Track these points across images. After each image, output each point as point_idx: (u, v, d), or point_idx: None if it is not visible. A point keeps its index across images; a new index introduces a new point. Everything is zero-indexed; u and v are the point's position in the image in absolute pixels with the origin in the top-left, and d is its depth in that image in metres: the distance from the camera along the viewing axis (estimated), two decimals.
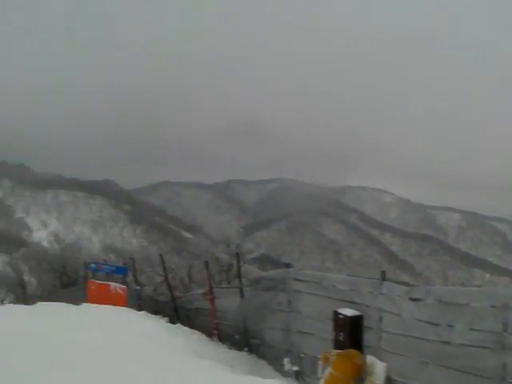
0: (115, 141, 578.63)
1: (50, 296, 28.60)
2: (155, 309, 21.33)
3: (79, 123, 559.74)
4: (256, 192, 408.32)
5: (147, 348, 10.85)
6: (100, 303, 18.23)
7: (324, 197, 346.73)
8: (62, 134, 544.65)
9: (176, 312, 20.37)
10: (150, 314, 18.90)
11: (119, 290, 20.46)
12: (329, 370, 9.96)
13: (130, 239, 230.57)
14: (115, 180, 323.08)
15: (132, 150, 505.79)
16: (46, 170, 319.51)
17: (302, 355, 12.40)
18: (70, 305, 17.58)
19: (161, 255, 22.79)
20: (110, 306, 17.60)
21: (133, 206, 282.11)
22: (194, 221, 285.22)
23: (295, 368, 12.50)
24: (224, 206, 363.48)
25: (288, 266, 13.87)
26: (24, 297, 33.02)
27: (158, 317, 19.12)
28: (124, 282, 21.65)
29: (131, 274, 23.88)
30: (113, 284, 20.85)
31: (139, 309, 19.83)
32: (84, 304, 18.55)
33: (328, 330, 11.01)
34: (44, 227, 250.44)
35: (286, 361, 12.85)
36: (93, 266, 22.61)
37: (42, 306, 17.50)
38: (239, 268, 17.08)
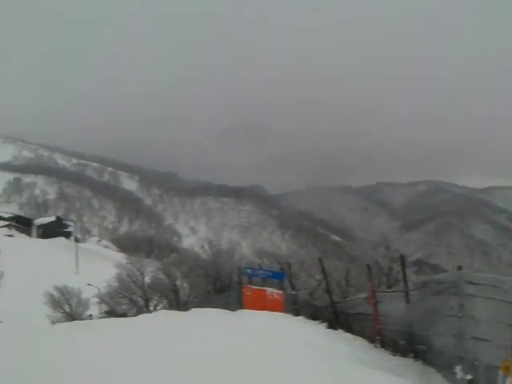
0: (260, 147, 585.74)
1: (203, 302, 28.71)
2: (312, 314, 21.04)
3: (223, 134, 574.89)
4: (403, 194, 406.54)
5: (313, 356, 10.76)
6: (256, 309, 18.30)
7: (472, 198, 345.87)
8: (213, 146, 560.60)
9: (337, 317, 19.64)
10: (307, 320, 19.11)
11: (276, 296, 20.39)
12: (510, 380, 8.83)
13: (279, 244, 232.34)
14: (262, 185, 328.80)
15: (276, 156, 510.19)
16: (194, 177, 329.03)
17: (477, 363, 11.18)
18: (226, 311, 18.71)
19: (320, 259, 22.50)
20: (267, 312, 17.74)
21: (280, 210, 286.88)
22: (342, 224, 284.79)
23: (469, 377, 11.21)
24: (371, 209, 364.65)
25: (459, 268, 12.80)
26: (177, 302, 33.56)
27: (316, 322, 19.06)
28: (281, 287, 21.40)
29: (286, 278, 23.29)
30: (269, 289, 20.78)
31: (296, 314, 19.82)
32: (240, 310, 18.95)
33: (506, 337, 10.37)
34: (193, 233, 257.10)
35: (458, 369, 11.56)
36: (249, 271, 22.48)
37: (198, 313, 18.70)
38: (404, 271, 15.68)
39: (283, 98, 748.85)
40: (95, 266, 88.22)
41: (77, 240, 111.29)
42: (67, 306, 41.84)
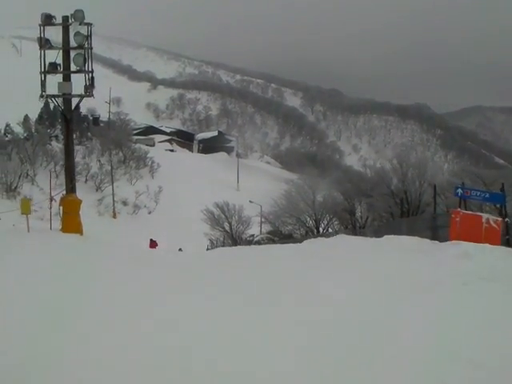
0: (426, 64, 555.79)
1: (383, 226, 24.83)
2: None
3: (386, 51, 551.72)
4: None
5: None
6: (466, 240, 14.23)
7: None
8: (369, 65, 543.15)
9: None
10: None
11: (493, 224, 15.42)
12: None
13: (441, 164, 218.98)
14: (427, 103, 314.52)
15: (442, 73, 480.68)
16: (357, 95, 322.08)
17: None
18: (430, 242, 15.63)
19: None
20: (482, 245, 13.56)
21: (444, 130, 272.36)
22: (506, 146, 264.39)
23: None
24: None
25: None
26: (353, 225, 29.72)
27: None
28: (501, 213, 17.12)
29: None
30: (485, 215, 16.10)
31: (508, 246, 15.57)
32: (448, 243, 14.92)
33: None
34: (355, 151, 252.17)
35: None
36: (459, 191, 17.26)
37: (391, 241, 16.05)
38: None
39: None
40: (257, 182, 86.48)
41: (238, 156, 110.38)
42: (227, 225, 39.54)
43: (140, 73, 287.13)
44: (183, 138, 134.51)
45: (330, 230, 29.98)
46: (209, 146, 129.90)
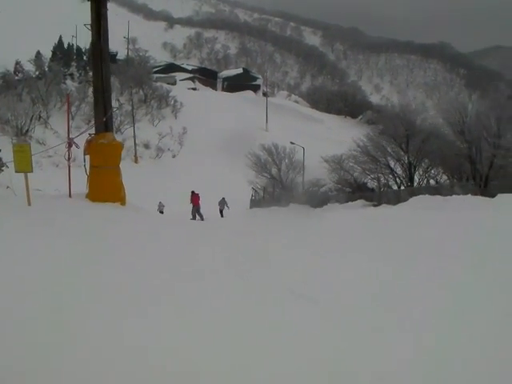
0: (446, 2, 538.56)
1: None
2: None
3: None
4: None
5: None
6: None
7: None
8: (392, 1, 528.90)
9: None
10: None
11: None
12: None
13: (466, 104, 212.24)
14: (451, 43, 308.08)
15: (465, 11, 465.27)
16: (379, 33, 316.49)
17: None
18: None
19: None
20: None
21: (468, 69, 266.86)
22: None
23: None
24: None
25: None
26: (473, 179, 21.80)
27: None
28: None
29: None
30: None
31: None
32: None
33: None
34: (377, 91, 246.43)
35: None
36: None
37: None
38: None
39: None
40: (286, 122, 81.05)
41: (266, 94, 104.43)
42: (275, 170, 34.02)
43: (156, 12, 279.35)
44: (206, 76, 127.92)
45: (433, 183, 23.57)
46: (233, 85, 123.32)
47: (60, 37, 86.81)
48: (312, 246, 8.31)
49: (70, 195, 12.17)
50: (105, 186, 12.38)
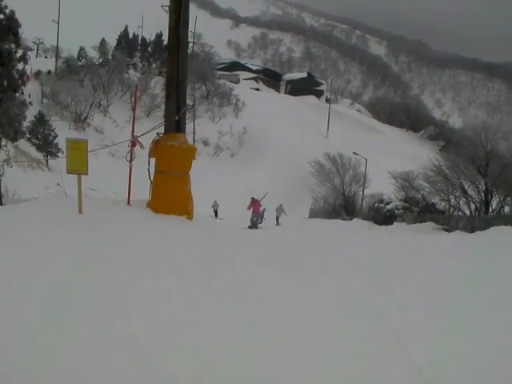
0: None
1: None
2: None
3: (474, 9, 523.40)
4: None
5: None
6: None
7: None
8: (458, 17, 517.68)
9: None
10: None
11: None
12: None
13: None
14: None
15: None
16: (444, 48, 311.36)
17: None
18: None
19: None
20: None
21: None
22: None
23: None
24: None
25: None
26: None
27: None
28: None
29: None
30: None
31: None
32: None
33: None
34: (438, 107, 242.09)
35: None
36: None
37: None
38: None
39: None
40: (347, 130, 79.63)
41: (329, 100, 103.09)
42: (338, 180, 33.03)
43: (222, 9, 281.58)
44: (269, 78, 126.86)
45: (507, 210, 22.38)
46: (297, 88, 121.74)
47: (126, 26, 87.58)
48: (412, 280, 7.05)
49: (128, 202, 10.62)
50: (170, 195, 10.64)
